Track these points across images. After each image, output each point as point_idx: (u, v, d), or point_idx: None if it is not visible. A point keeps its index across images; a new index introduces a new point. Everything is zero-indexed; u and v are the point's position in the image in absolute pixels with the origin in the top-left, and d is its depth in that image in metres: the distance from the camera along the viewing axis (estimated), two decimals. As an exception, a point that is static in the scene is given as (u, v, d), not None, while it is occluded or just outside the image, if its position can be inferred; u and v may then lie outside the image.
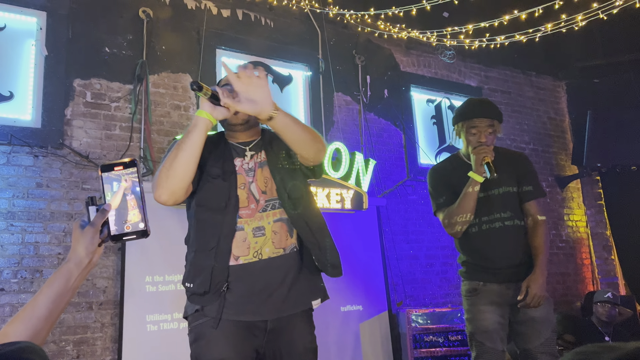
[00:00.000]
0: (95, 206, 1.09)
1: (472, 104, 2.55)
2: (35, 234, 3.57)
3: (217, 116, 1.65)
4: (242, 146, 1.86)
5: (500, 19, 4.64)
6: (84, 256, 1.05)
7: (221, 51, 4.56)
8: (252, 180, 1.80)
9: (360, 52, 5.22)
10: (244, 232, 1.75)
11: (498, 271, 2.41)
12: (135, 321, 3.61)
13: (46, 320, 0.97)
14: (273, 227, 1.77)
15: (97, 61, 3.99)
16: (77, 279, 1.04)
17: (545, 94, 6.49)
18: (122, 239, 1.10)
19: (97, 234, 1.07)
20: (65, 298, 1.02)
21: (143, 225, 1.10)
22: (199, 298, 1.73)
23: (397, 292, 4.80)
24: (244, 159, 1.83)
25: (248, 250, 1.74)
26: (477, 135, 2.45)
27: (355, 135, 5.03)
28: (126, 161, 1.11)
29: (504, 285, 2.40)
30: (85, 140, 3.84)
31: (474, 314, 2.41)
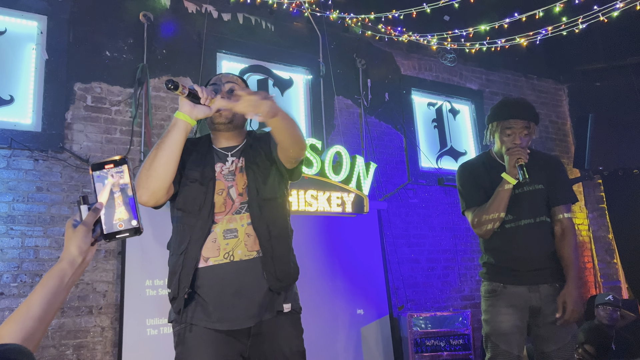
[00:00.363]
0: (87, 205, 1.09)
1: (508, 104, 2.48)
2: (35, 238, 3.57)
3: (197, 115, 1.65)
4: (225, 151, 1.85)
5: (501, 22, 4.64)
6: (76, 255, 1.04)
7: (222, 55, 4.57)
8: (231, 185, 1.78)
9: (361, 56, 5.21)
10: (214, 234, 1.72)
11: (520, 273, 2.35)
12: (135, 325, 3.60)
13: (40, 321, 0.97)
14: (246, 229, 1.73)
15: (98, 65, 4.00)
16: (71, 278, 1.04)
17: (547, 98, 6.48)
18: (115, 237, 1.10)
19: (89, 233, 1.07)
20: (59, 298, 1.01)
21: (136, 223, 1.09)
22: (173, 303, 1.73)
23: (399, 296, 4.78)
24: (225, 164, 1.82)
25: (218, 251, 1.70)
26: (512, 137, 2.40)
27: (356, 139, 5.02)
28: (116, 159, 1.11)
29: (526, 288, 2.35)
30: (86, 144, 3.84)
31: (492, 316, 2.38)
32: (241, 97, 1.57)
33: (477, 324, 4.87)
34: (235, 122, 1.83)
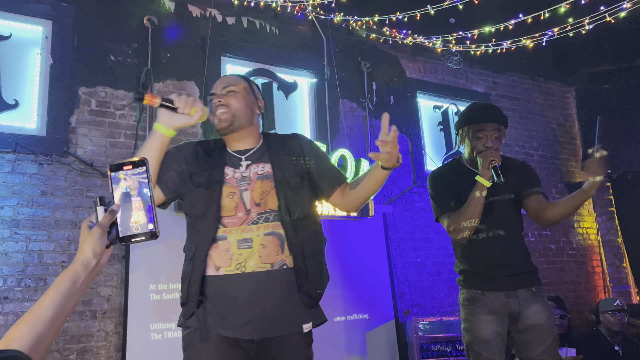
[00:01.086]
0: (104, 207, 1.06)
1: (477, 108, 2.49)
2: (40, 242, 3.57)
3: (176, 125, 1.62)
4: (238, 155, 1.82)
5: (506, 24, 4.60)
6: (91, 257, 1.02)
7: (226, 58, 4.57)
8: (245, 189, 1.73)
9: (365, 59, 5.19)
10: (227, 242, 1.68)
11: (498, 279, 2.34)
12: (139, 330, 3.58)
13: (52, 324, 0.94)
14: (262, 240, 1.68)
15: (102, 69, 4.00)
16: (85, 281, 1.01)
17: (554, 100, 6.42)
18: (130, 240, 1.06)
19: (104, 235, 1.04)
20: (72, 301, 0.99)
21: (152, 227, 1.06)
22: (183, 307, 1.73)
23: (404, 300, 4.74)
24: (238, 169, 1.78)
25: (230, 261, 1.66)
26: (484, 140, 2.39)
27: (361, 142, 5.00)
28: (135, 160, 1.08)
29: (504, 293, 2.33)
30: (90, 148, 3.84)
31: (472, 323, 2.34)
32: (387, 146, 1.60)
33: (484, 328, 4.82)
34: (236, 124, 1.78)
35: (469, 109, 2.53)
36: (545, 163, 6.06)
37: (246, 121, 1.81)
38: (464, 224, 2.31)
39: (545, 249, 5.72)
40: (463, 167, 2.51)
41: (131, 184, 1.07)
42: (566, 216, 2.40)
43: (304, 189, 1.78)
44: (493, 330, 2.30)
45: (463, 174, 2.46)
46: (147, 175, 1.07)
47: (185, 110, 1.59)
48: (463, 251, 2.46)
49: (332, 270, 4.30)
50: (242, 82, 1.87)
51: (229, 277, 1.66)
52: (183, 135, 4.18)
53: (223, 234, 1.69)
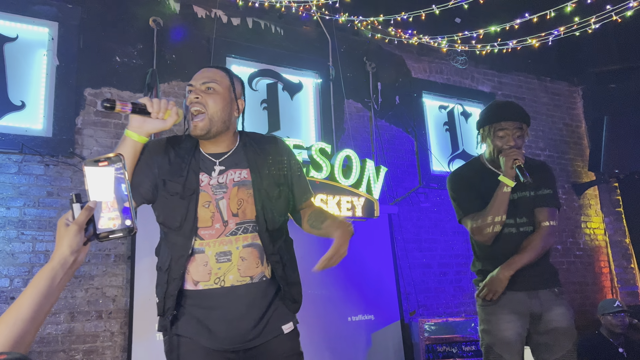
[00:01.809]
0: (80, 204, 1.06)
1: (499, 107, 2.43)
2: (46, 243, 3.58)
3: (149, 130, 1.53)
4: (212, 158, 1.69)
5: (512, 23, 4.58)
6: (68, 255, 1.02)
7: (231, 59, 4.57)
8: (221, 197, 1.63)
9: (371, 59, 5.19)
10: (205, 256, 1.60)
11: (519, 278, 2.27)
12: (144, 330, 3.59)
13: (31, 323, 0.94)
14: (241, 252, 1.61)
15: (108, 70, 4.02)
16: (63, 278, 1.01)
17: (561, 100, 6.39)
18: (108, 237, 1.07)
19: (81, 232, 1.04)
20: (50, 299, 0.98)
21: (129, 222, 1.06)
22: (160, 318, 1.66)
23: (410, 301, 4.72)
24: (212, 175, 1.66)
25: (209, 275, 1.59)
26: (506, 139, 2.33)
27: (366, 142, 4.99)
28: (111, 156, 1.08)
29: (526, 294, 2.28)
30: (96, 149, 3.86)
31: (494, 324, 2.27)
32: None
33: (490, 330, 4.79)
34: (213, 132, 1.64)
35: (489, 107, 2.47)
36: (551, 163, 6.02)
37: (223, 126, 1.66)
38: (488, 225, 2.27)
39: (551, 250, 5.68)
40: (483, 167, 2.46)
41: (107, 180, 1.06)
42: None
43: (281, 198, 1.71)
44: (515, 331, 2.24)
45: (484, 174, 2.41)
46: (123, 171, 1.07)
47: (159, 115, 1.51)
48: (484, 249, 2.39)
49: (337, 271, 4.31)
50: (225, 79, 1.70)
51: (208, 292, 1.59)
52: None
53: (200, 247, 1.60)
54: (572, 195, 6.04)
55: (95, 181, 1.07)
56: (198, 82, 1.66)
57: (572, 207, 6.00)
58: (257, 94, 4.64)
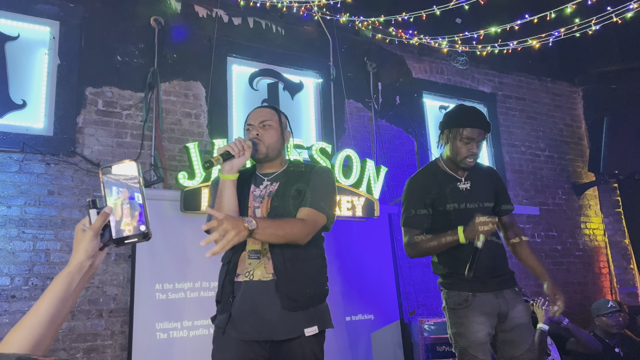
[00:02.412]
0: (96, 209, 1.08)
1: (468, 112, 2.44)
2: (47, 241, 3.59)
3: (238, 167, 1.94)
4: (263, 177, 2.10)
5: (512, 24, 4.58)
6: (84, 259, 1.03)
7: (232, 59, 4.58)
8: (258, 206, 2.00)
9: (371, 59, 5.19)
10: (245, 253, 1.96)
11: (487, 280, 2.36)
12: (145, 329, 3.60)
13: (48, 327, 0.95)
14: (269, 253, 1.93)
15: (109, 69, 4.03)
16: (79, 283, 1.02)
17: (561, 100, 6.39)
18: (124, 242, 1.08)
19: (97, 237, 1.05)
20: (67, 303, 1.00)
21: (144, 228, 1.07)
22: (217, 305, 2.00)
23: (410, 301, 4.73)
24: (259, 188, 2.06)
25: (244, 269, 1.94)
26: (470, 145, 2.37)
27: (366, 142, 4.99)
28: (126, 162, 1.09)
29: (493, 294, 2.36)
30: (97, 148, 3.87)
31: (467, 327, 2.32)
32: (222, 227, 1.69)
33: (489, 330, 4.80)
34: (270, 156, 2.07)
35: (458, 110, 2.47)
36: (552, 164, 6.03)
37: (277, 153, 2.09)
38: (422, 252, 2.39)
39: (551, 250, 5.69)
40: (441, 170, 2.49)
41: (123, 186, 1.08)
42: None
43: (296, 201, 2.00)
44: (485, 332, 2.31)
45: (440, 178, 2.45)
46: (139, 177, 1.09)
47: (240, 154, 1.91)
48: (448, 254, 2.41)
49: (337, 270, 4.31)
50: (276, 116, 2.11)
51: (243, 284, 1.92)
52: (189, 135, 4.20)
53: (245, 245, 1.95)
54: (572, 196, 6.05)
55: (112, 187, 1.08)
56: (256, 122, 2.07)
57: (571, 208, 6.01)
58: (257, 94, 4.64)
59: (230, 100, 4.48)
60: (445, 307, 2.43)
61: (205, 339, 3.74)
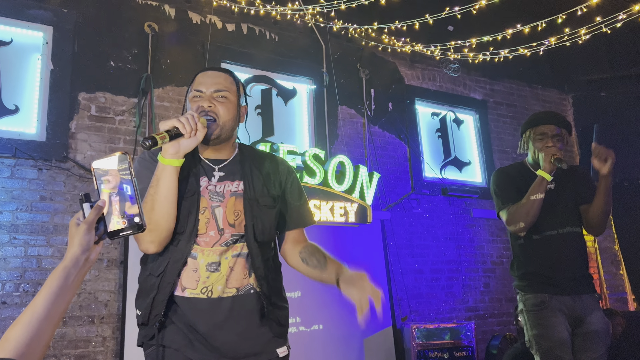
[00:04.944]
0: (89, 203, 1.08)
1: (538, 113, 2.65)
2: (38, 247, 3.58)
3: (186, 150, 1.47)
4: (211, 164, 1.64)
5: (504, 33, 4.64)
6: (79, 254, 1.03)
7: (226, 64, 4.59)
8: (217, 205, 1.58)
9: (364, 66, 5.23)
10: (196, 262, 1.55)
11: (563, 282, 2.40)
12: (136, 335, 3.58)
13: (47, 322, 0.96)
14: (230, 262, 1.56)
15: (102, 75, 4.03)
16: (75, 278, 1.02)
17: (552, 107, 6.46)
18: (118, 234, 1.09)
19: (91, 231, 1.05)
20: (64, 298, 1.00)
21: (138, 219, 1.08)
22: (142, 328, 1.59)
23: (402, 306, 4.75)
24: (211, 180, 1.61)
25: (196, 283, 1.54)
26: (544, 141, 2.49)
27: (359, 149, 5.02)
28: (118, 154, 1.10)
29: (570, 297, 2.38)
30: (90, 154, 3.86)
31: (549, 329, 2.34)
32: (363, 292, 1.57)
33: (480, 335, 4.83)
34: (222, 138, 1.61)
35: (535, 113, 2.68)
36: (542, 170, 6.09)
37: (230, 134, 1.64)
38: (520, 215, 2.39)
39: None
40: (527, 170, 2.59)
41: (115, 179, 1.09)
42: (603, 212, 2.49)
43: (273, 211, 1.66)
44: (568, 331, 2.35)
45: (527, 177, 2.53)
46: (130, 169, 1.09)
47: (191, 135, 1.45)
48: (525, 253, 2.50)
49: (330, 276, 4.31)
50: (233, 85, 1.65)
51: (193, 300, 1.53)
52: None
53: (194, 253, 1.55)
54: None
55: (104, 180, 1.09)
56: (209, 89, 1.59)
57: (562, 214, 6.06)
58: (251, 100, 4.66)
59: (223, 106, 4.48)
60: (523, 309, 2.47)
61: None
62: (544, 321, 2.35)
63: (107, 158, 1.10)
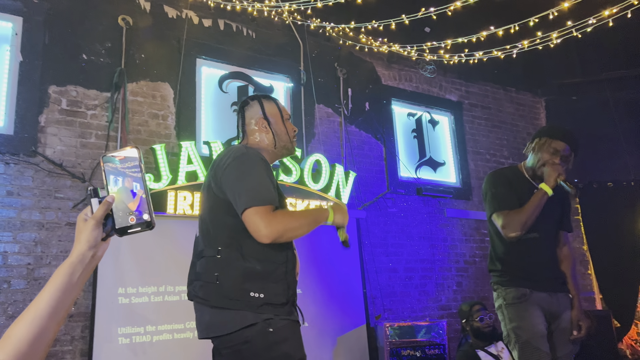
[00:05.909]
0: (98, 198, 1.05)
1: (565, 129, 2.65)
2: (4, 244, 3.48)
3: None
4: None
5: (478, 35, 4.70)
6: (86, 250, 1.00)
7: (202, 60, 4.54)
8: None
9: (342, 65, 5.23)
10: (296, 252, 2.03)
11: (542, 279, 2.51)
12: (106, 334, 3.52)
13: (50, 319, 0.93)
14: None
15: (74, 68, 3.94)
16: (82, 274, 0.99)
17: (525, 110, 6.58)
18: (127, 231, 1.05)
19: (99, 227, 1.02)
20: (70, 295, 0.97)
21: (147, 217, 1.05)
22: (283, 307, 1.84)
23: (376, 305, 4.77)
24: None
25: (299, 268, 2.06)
26: (555, 157, 2.53)
27: (336, 148, 5.03)
28: (128, 149, 1.07)
29: (547, 294, 2.50)
30: (60, 148, 3.77)
31: (528, 321, 2.43)
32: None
33: (453, 334, 4.88)
34: None
35: (557, 125, 2.77)
36: (515, 171, 6.19)
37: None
38: (519, 224, 2.44)
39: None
40: (522, 175, 2.65)
41: (124, 174, 1.06)
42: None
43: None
44: (544, 325, 2.46)
45: (521, 182, 2.61)
46: (140, 165, 1.07)
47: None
48: (505, 251, 2.58)
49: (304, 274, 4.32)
50: None
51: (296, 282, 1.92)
52: (155, 136, 4.14)
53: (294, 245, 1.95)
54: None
55: (113, 175, 1.06)
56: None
57: (533, 215, 6.17)
58: (227, 97, 4.62)
59: (199, 102, 4.44)
60: (503, 303, 2.53)
61: (168, 344, 3.69)
62: (524, 313, 2.44)
63: (117, 152, 1.07)
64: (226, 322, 1.72)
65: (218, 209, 1.82)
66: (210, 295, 1.75)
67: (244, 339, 1.70)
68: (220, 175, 1.81)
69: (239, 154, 1.82)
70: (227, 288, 1.73)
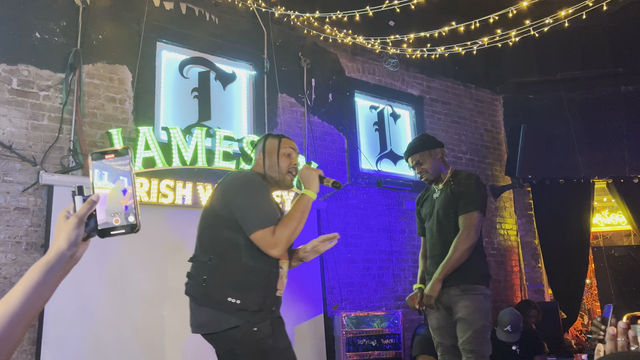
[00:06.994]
0: (82, 196, 0.99)
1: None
2: (-53, 228, 3.32)
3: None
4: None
5: (440, 30, 4.77)
6: (65, 248, 0.94)
7: (162, 44, 4.43)
8: None
9: (306, 55, 5.22)
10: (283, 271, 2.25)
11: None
12: (55, 334, 3.41)
13: (20, 317, 0.87)
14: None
15: (26, 46, 3.77)
16: (58, 273, 0.93)
17: (484, 107, 6.74)
18: (110, 233, 1.00)
19: (81, 226, 0.96)
20: (43, 294, 0.91)
21: (133, 219, 1.00)
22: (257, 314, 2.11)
23: (334, 295, 4.81)
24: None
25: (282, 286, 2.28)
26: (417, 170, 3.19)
27: (298, 138, 5.01)
28: (118, 149, 1.02)
29: (441, 291, 2.92)
30: (9, 130, 3.61)
31: (429, 314, 3.08)
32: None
33: (408, 323, 4.98)
34: None
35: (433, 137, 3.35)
36: (472, 167, 6.35)
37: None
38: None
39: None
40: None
41: (112, 173, 1.01)
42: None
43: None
44: (439, 320, 3.01)
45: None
46: (130, 165, 1.02)
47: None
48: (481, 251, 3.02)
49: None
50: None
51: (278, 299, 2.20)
52: (112, 120, 4.02)
53: (281, 265, 2.19)
54: (490, 198, 6.40)
55: (100, 174, 1.01)
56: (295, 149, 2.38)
57: (489, 209, 6.33)
58: (188, 82, 4.53)
59: (158, 87, 4.33)
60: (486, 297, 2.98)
61: (119, 332, 3.62)
62: (427, 311, 3.01)
63: (105, 150, 1.01)
64: (210, 321, 2.03)
65: (218, 224, 2.12)
66: (197, 294, 2.07)
67: (234, 339, 2.00)
68: (229, 196, 2.12)
69: (247, 180, 2.17)
70: (211, 290, 2.04)
